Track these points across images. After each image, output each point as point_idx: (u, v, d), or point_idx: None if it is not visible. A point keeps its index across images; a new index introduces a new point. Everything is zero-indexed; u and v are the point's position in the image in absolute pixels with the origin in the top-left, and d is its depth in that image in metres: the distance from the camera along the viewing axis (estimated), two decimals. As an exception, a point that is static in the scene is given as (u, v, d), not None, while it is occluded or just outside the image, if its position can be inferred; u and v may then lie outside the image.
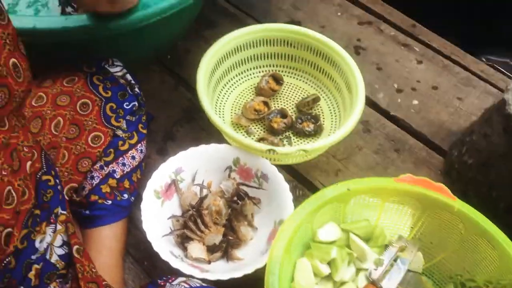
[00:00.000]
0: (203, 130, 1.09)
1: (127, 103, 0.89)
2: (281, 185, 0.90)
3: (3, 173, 0.61)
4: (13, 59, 0.61)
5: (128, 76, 0.93)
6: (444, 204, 0.82)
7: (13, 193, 0.63)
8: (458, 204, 0.82)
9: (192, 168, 0.92)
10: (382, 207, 0.87)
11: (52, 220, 0.70)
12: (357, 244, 0.84)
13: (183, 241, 0.87)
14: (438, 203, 0.82)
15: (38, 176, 0.71)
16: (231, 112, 1.11)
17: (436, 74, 1.23)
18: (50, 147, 0.84)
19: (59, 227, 0.71)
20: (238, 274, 0.79)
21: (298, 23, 1.32)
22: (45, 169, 0.73)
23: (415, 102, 1.17)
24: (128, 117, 0.89)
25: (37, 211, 0.68)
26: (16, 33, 0.63)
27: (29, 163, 0.68)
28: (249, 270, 0.79)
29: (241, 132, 1.08)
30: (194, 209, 0.86)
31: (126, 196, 0.86)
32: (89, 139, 0.85)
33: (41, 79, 0.90)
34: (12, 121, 0.64)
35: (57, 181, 0.75)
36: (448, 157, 1.03)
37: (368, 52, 1.27)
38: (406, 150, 1.09)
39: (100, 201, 0.84)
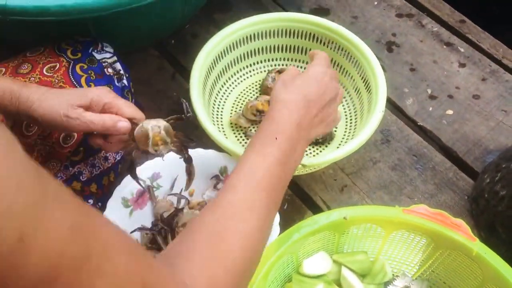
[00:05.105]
0: (196, 130, 0.95)
1: None
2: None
3: None
4: None
5: (118, 65, 0.83)
6: (461, 246, 0.68)
7: None
8: (478, 247, 0.68)
9: (172, 174, 0.81)
10: (386, 238, 0.74)
11: None
12: (348, 281, 0.71)
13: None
14: (454, 243, 0.69)
15: None
16: (232, 111, 0.99)
17: (480, 80, 1.05)
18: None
19: None
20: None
21: (326, 10, 1.18)
22: None
23: (450, 112, 1.01)
24: None
25: None
26: None
27: None
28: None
29: (239, 134, 0.96)
30: (164, 224, 0.75)
31: (91, 201, 0.76)
32: (61, 137, 0.75)
33: (20, 61, 0.79)
34: None
35: None
36: (479, 182, 0.87)
37: (403, 50, 1.11)
38: (429, 168, 0.93)
39: None
